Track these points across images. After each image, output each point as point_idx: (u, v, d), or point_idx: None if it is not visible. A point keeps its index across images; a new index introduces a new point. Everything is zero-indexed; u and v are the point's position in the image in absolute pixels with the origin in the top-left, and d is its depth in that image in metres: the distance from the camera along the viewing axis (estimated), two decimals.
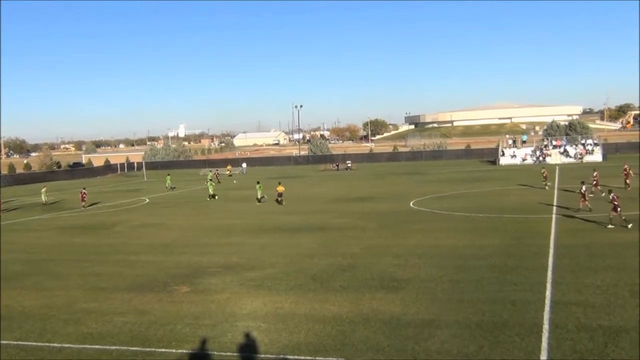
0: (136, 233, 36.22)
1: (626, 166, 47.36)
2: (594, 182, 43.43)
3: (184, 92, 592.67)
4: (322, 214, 40.65)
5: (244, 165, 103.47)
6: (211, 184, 56.44)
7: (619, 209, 29.91)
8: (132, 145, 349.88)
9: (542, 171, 51.48)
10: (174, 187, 69.83)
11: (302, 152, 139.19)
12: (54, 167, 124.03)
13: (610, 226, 29.69)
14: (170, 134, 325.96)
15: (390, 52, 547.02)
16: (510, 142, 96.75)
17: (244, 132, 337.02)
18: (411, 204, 43.42)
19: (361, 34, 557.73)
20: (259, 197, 49.45)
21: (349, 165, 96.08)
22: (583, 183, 36.77)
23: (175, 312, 18.73)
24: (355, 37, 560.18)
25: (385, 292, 19.83)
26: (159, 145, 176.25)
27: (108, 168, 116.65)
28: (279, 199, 47.52)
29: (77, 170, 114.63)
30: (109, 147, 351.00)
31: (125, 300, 20.34)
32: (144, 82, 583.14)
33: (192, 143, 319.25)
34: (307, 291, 20.49)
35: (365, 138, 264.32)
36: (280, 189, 47.94)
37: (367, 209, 42.17)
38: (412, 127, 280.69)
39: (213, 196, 53.60)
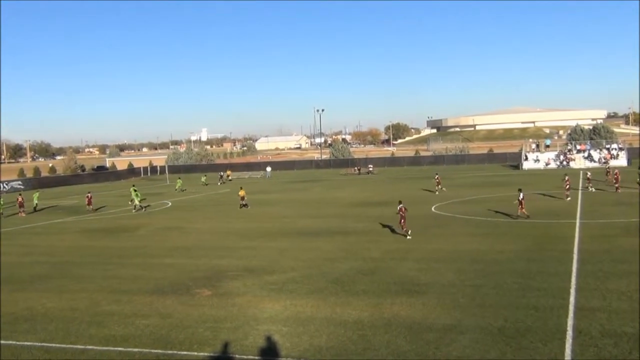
0: (158, 236, 36.47)
1: (617, 171, 50.95)
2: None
3: (207, 96, 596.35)
4: (343, 218, 40.62)
5: (269, 169, 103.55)
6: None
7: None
8: (155, 149, 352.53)
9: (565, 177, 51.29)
10: (184, 190, 72.62)
11: (324, 156, 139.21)
12: (79, 171, 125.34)
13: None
14: (193, 138, 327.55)
15: (412, 56, 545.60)
16: (534, 146, 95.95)
17: (266, 136, 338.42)
18: (433, 209, 43.24)
19: (383, 37, 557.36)
20: (137, 203, 51.89)
21: (371, 169, 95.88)
22: (520, 190, 37.39)
23: (197, 315, 18.82)
24: (376, 41, 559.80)
25: (406, 296, 19.75)
26: (182, 149, 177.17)
27: (131, 171, 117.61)
28: (242, 202, 49.83)
29: (101, 173, 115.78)
30: (133, 151, 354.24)
31: (147, 303, 20.48)
32: (168, 87, 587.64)
33: (214, 147, 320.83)
34: (328, 295, 20.47)
35: (387, 142, 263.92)
36: (242, 193, 50.98)
37: (387, 213, 41.97)
38: (434, 131, 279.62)
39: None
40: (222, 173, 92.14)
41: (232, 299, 20.59)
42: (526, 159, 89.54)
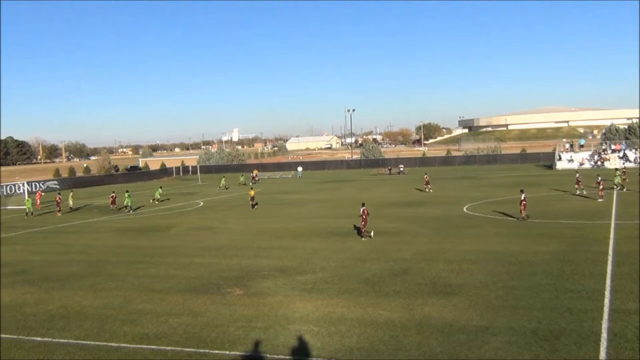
0: (190, 236, 36.77)
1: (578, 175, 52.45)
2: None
3: (239, 97, 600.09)
4: (374, 218, 40.37)
5: (300, 169, 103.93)
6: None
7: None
8: (187, 149, 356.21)
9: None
10: (228, 188, 73.53)
11: (355, 156, 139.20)
12: (112, 171, 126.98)
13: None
14: (224, 138, 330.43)
15: (444, 55, 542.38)
16: (568, 145, 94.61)
17: (297, 136, 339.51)
18: (464, 209, 42.93)
19: (414, 37, 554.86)
20: (128, 204, 52.50)
21: (402, 169, 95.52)
22: (522, 192, 36.79)
23: (228, 314, 18.93)
24: (408, 41, 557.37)
25: (438, 297, 19.65)
26: (213, 149, 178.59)
27: (164, 171, 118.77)
28: (252, 202, 50.46)
29: (134, 173, 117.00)
30: (165, 151, 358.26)
31: (179, 302, 20.66)
32: (200, 87, 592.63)
33: (245, 147, 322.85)
34: (359, 295, 20.45)
35: (418, 142, 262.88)
36: (252, 193, 51.96)
37: (419, 213, 41.89)
38: (466, 131, 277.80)
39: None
40: (253, 173, 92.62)
41: (264, 298, 20.67)
42: (560, 158, 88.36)
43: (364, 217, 32.37)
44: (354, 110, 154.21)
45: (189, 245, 33.06)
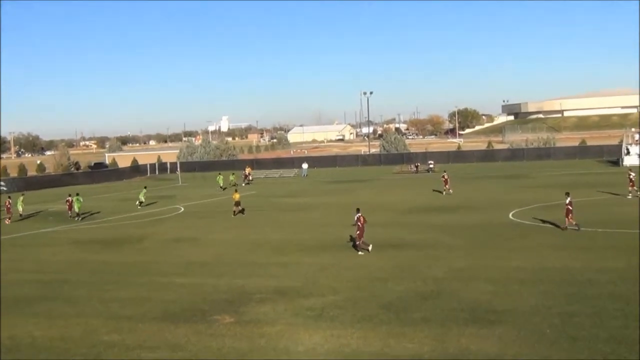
0: (168, 249, 36.81)
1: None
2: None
3: (228, 78, 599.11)
4: (397, 227, 40.46)
5: (305, 166, 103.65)
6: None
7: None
8: (165, 141, 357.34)
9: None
10: (225, 188, 74.19)
11: (373, 150, 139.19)
12: (72, 169, 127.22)
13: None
14: (211, 128, 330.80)
15: (483, 20, 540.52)
16: (637, 137, 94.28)
17: (301, 125, 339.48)
18: (510, 215, 42.82)
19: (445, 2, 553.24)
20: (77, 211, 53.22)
21: (431, 166, 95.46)
22: (568, 195, 36.50)
23: (216, 347, 18.90)
24: (436, 6, 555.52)
25: (477, 326, 19.56)
26: (197, 141, 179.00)
27: (136, 169, 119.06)
28: (236, 209, 50.22)
29: (100, 172, 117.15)
30: (138, 145, 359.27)
31: (154, 332, 20.64)
32: (180, 66, 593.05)
33: (237, 139, 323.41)
34: (379, 324, 20.37)
35: (451, 132, 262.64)
36: (236, 196, 51.18)
37: (453, 221, 41.77)
38: (511, 118, 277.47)
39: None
40: (245, 172, 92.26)
41: (260, 328, 20.62)
42: (628, 153, 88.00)
43: (359, 225, 32.43)
44: (371, 92, 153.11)
45: (167, 261, 33.07)
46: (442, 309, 21.63)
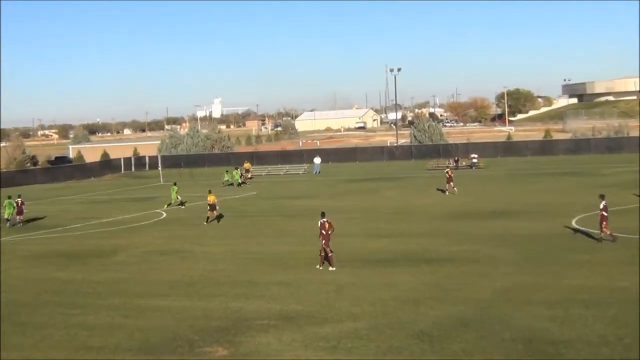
0: (147, 265, 36.82)
1: None
2: None
3: (222, 51, 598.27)
4: (431, 237, 40.39)
5: (317, 161, 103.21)
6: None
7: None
8: (143, 130, 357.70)
9: None
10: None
11: (402, 141, 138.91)
12: (28, 164, 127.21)
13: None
14: (200, 114, 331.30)
15: None
16: None
17: (312, 110, 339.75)
18: (573, 222, 42.64)
19: None
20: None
21: (475, 160, 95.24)
22: (603, 197, 36.64)
23: None
24: None
25: None
26: (183, 130, 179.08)
27: (106, 165, 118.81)
28: (211, 214, 51.03)
29: (61, 168, 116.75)
30: (109, 134, 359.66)
31: None
32: (162, 37, 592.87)
33: (232, 127, 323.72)
34: (409, 357, 20.37)
35: (499, 118, 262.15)
36: (212, 199, 51.89)
37: (502, 229, 41.67)
38: (574, 101, 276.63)
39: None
40: (242, 168, 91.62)
41: None
42: None
43: (323, 233, 32.80)
44: (399, 69, 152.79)
45: (146, 279, 33.15)
46: (489, 339, 21.60)
